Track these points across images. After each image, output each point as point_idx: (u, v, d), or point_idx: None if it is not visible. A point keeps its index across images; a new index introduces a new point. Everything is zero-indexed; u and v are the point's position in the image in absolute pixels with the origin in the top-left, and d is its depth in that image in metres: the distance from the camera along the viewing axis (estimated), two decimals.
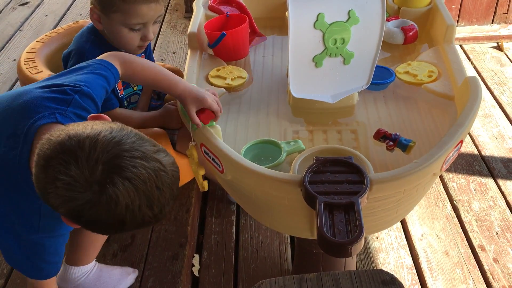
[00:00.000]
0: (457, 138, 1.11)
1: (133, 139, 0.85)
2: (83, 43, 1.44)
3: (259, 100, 1.41)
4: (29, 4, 3.48)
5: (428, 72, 1.40)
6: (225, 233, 1.75)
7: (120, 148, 0.82)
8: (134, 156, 0.83)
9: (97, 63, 1.13)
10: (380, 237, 1.72)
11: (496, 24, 2.91)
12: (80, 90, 1.04)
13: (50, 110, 0.99)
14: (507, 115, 2.27)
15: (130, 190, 0.81)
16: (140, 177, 0.82)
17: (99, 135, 0.83)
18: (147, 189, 0.83)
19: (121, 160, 0.82)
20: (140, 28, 1.39)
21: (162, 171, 0.85)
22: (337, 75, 1.30)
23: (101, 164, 0.81)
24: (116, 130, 0.85)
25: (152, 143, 0.88)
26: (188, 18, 3.05)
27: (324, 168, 1.05)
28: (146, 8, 1.36)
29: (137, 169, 0.82)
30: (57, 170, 0.81)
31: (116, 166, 0.81)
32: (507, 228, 1.74)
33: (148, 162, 0.84)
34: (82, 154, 0.81)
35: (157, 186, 0.84)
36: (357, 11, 1.22)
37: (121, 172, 0.81)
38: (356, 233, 0.91)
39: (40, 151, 0.86)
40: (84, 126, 0.87)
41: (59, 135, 0.85)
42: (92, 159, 0.81)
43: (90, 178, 0.81)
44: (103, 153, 0.81)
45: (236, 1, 1.70)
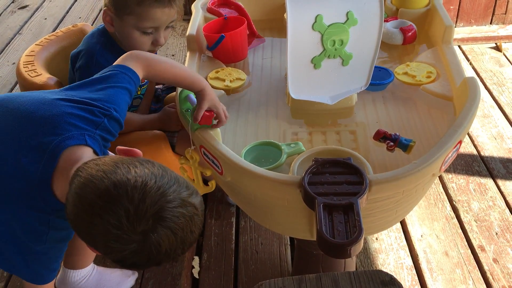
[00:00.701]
0: (456, 138, 1.11)
1: (174, 188, 0.88)
2: (93, 44, 1.44)
3: (258, 102, 1.41)
4: (28, 7, 3.49)
5: (427, 73, 1.41)
6: (225, 235, 1.75)
7: (164, 200, 0.85)
8: (175, 206, 0.86)
9: (121, 72, 1.11)
10: (379, 238, 1.72)
11: (494, 24, 2.91)
12: (110, 114, 1.04)
13: (80, 130, 0.99)
14: (506, 116, 2.27)
15: (170, 238, 0.85)
16: (179, 226, 0.86)
17: (146, 186, 0.85)
18: (183, 235, 0.87)
19: (165, 212, 0.85)
20: (152, 32, 1.40)
21: (196, 215, 0.89)
22: (335, 76, 1.30)
23: (150, 218, 0.84)
24: (159, 178, 0.87)
25: (186, 184, 0.91)
26: (187, 20, 3.06)
27: (323, 169, 1.05)
28: (159, 12, 1.37)
29: (177, 219, 0.86)
30: (106, 221, 0.83)
31: (161, 217, 0.84)
32: (507, 228, 1.74)
33: (186, 209, 0.87)
34: (132, 207, 0.83)
35: (191, 230, 0.89)
36: (355, 12, 1.23)
37: (164, 223, 0.85)
38: (356, 234, 0.91)
39: (80, 191, 0.86)
40: (127, 170, 0.87)
41: (102, 179, 0.85)
42: (141, 212, 0.83)
43: (138, 228, 0.84)
44: (151, 206, 0.84)
45: (235, 3, 1.70)
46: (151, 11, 1.36)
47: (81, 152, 0.97)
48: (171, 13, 1.40)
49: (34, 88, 1.42)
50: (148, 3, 1.34)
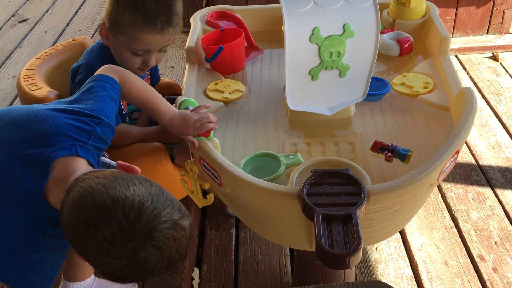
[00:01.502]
0: (453, 148, 1.12)
1: (167, 210, 0.91)
2: (93, 59, 1.46)
3: (256, 113, 1.42)
4: (28, 20, 3.51)
5: (424, 83, 1.42)
6: (225, 246, 1.75)
7: (158, 221, 0.89)
8: (167, 227, 0.89)
9: (104, 81, 1.14)
10: (379, 248, 1.73)
11: (491, 34, 2.94)
12: (102, 121, 1.07)
13: (71, 141, 1.01)
14: (504, 125, 2.28)
15: (158, 256, 0.89)
16: (168, 246, 0.89)
17: (142, 206, 0.88)
18: (170, 254, 0.90)
19: (157, 232, 0.88)
20: (143, 54, 1.42)
21: (184, 237, 0.93)
22: (333, 87, 1.31)
23: (142, 237, 0.87)
24: (156, 199, 0.91)
25: (179, 207, 0.94)
26: (186, 32, 3.07)
27: (322, 180, 1.05)
28: (151, 38, 1.39)
29: (167, 240, 0.89)
30: (101, 236, 0.86)
31: (152, 237, 0.88)
32: (506, 238, 1.74)
33: (176, 231, 0.91)
34: (127, 225, 0.86)
35: (178, 250, 0.92)
36: (352, 24, 1.24)
37: (154, 242, 0.88)
38: (354, 244, 0.91)
39: (79, 202, 0.89)
40: (126, 186, 0.90)
41: (101, 193, 0.88)
42: (135, 230, 0.87)
43: (130, 245, 0.86)
44: (145, 225, 0.87)
45: (233, 15, 1.72)
46: (142, 35, 1.38)
47: (76, 163, 1.00)
48: (163, 40, 1.41)
49: (35, 102, 1.43)
50: (139, 28, 1.36)
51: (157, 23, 1.37)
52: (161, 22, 1.38)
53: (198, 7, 2.92)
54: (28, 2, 3.82)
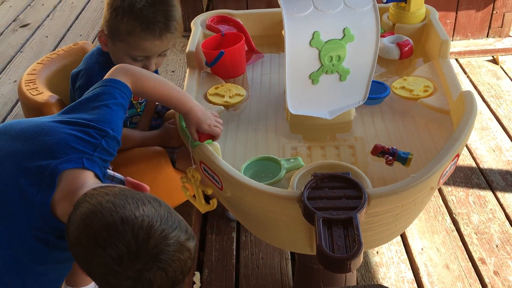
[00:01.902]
0: (453, 152, 1.12)
1: (176, 232, 0.90)
2: (92, 64, 1.46)
3: (257, 117, 1.43)
4: (29, 25, 3.52)
5: (424, 87, 1.42)
6: (226, 250, 1.75)
7: (165, 243, 0.88)
8: (173, 250, 0.89)
9: (113, 87, 1.12)
10: (380, 252, 1.73)
11: (491, 38, 2.94)
12: (107, 134, 1.06)
13: (78, 153, 1.01)
14: (504, 128, 2.28)
15: (162, 278, 0.88)
16: (173, 268, 0.89)
17: (152, 228, 0.87)
18: (174, 276, 0.90)
19: (164, 254, 0.87)
20: (142, 59, 1.42)
21: (189, 259, 0.92)
22: (333, 91, 1.32)
23: (150, 259, 0.86)
24: (164, 221, 0.90)
25: (185, 229, 0.93)
26: (186, 37, 3.09)
27: (323, 183, 1.06)
28: (149, 44, 1.39)
29: (173, 262, 0.88)
30: (108, 255, 0.85)
31: (159, 260, 0.87)
32: (507, 241, 1.74)
33: (182, 254, 0.90)
34: (135, 246, 0.85)
35: (182, 271, 0.91)
36: (352, 29, 1.24)
37: (160, 264, 0.87)
38: (355, 248, 0.91)
39: (87, 218, 0.88)
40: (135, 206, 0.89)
41: (111, 211, 0.87)
42: (143, 252, 0.86)
43: (136, 266, 0.86)
44: (153, 247, 0.86)
45: (234, 20, 1.72)
46: (141, 42, 1.38)
47: (84, 176, 0.99)
48: (162, 45, 1.41)
49: (36, 106, 1.44)
50: (138, 35, 1.37)
51: (156, 30, 1.37)
52: (160, 28, 1.38)
53: (199, 11, 2.93)
54: (29, 7, 3.84)
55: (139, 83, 1.18)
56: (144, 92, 1.21)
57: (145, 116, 1.59)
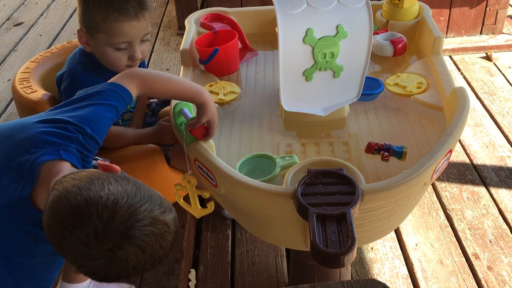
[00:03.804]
0: (446, 147, 1.13)
1: (145, 206, 0.89)
2: (75, 65, 1.45)
3: (251, 114, 1.43)
4: (23, 24, 3.51)
5: (417, 83, 1.43)
6: (221, 247, 1.75)
7: (134, 219, 0.87)
8: (145, 224, 0.88)
9: (110, 89, 1.11)
10: (375, 248, 1.73)
11: (484, 34, 2.96)
12: (83, 131, 1.05)
13: (54, 146, 1.01)
14: (498, 124, 2.30)
15: (138, 255, 0.88)
16: (148, 243, 0.88)
17: (116, 205, 0.87)
18: (152, 251, 0.89)
19: (134, 230, 0.87)
20: (126, 47, 1.40)
21: (166, 232, 0.91)
22: (327, 88, 1.32)
23: (118, 236, 0.86)
24: (131, 196, 0.89)
25: (159, 202, 0.92)
26: (181, 35, 3.09)
27: (316, 180, 1.06)
28: (127, 26, 1.36)
29: (146, 237, 0.88)
30: (76, 238, 0.86)
31: (129, 236, 0.87)
32: (500, 236, 1.76)
33: (155, 227, 0.89)
34: (100, 225, 0.85)
35: (161, 246, 0.90)
36: (345, 25, 1.25)
37: (132, 241, 0.87)
38: (349, 243, 0.92)
39: (54, 205, 0.89)
40: (100, 186, 0.89)
41: (75, 195, 0.87)
42: (109, 231, 0.86)
43: (106, 246, 0.86)
44: (120, 225, 0.86)
45: (228, 17, 1.73)
46: (118, 25, 1.35)
47: (60, 166, 0.99)
48: (140, 26, 1.38)
49: (30, 105, 1.44)
50: (113, 18, 1.34)
51: (129, 9, 1.35)
52: (133, 7, 1.35)
53: (193, 9, 2.93)
54: (23, 6, 3.83)
55: (147, 84, 1.17)
56: (154, 92, 1.21)
57: (138, 113, 1.58)
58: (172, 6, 3.27)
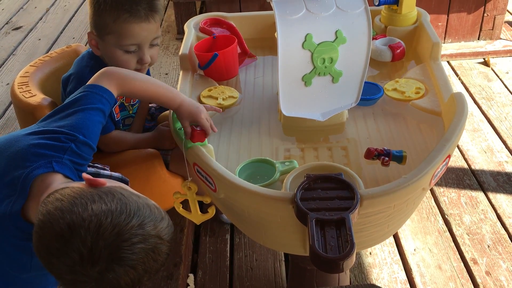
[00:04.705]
0: (444, 153, 1.13)
1: (132, 223, 0.87)
2: (83, 68, 1.46)
3: (250, 119, 1.43)
4: (22, 28, 3.52)
5: (416, 88, 1.43)
6: (220, 252, 1.75)
7: (120, 239, 0.85)
8: (133, 243, 0.86)
9: (92, 92, 1.11)
10: (373, 253, 1.73)
11: (482, 40, 2.97)
12: (76, 139, 1.04)
13: (47, 158, 1.00)
14: (495, 129, 2.30)
15: (130, 273, 0.86)
16: (139, 261, 0.86)
17: (100, 227, 0.84)
18: (146, 267, 0.87)
19: (121, 252, 0.85)
20: (135, 50, 1.41)
21: (159, 244, 0.89)
22: (326, 93, 1.33)
23: (104, 261, 0.84)
24: (116, 215, 0.86)
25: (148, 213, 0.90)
26: (180, 39, 3.09)
27: (315, 185, 1.06)
28: (137, 28, 1.37)
29: (136, 255, 0.86)
30: (62, 263, 0.85)
31: (117, 258, 0.85)
32: (498, 241, 1.76)
33: (146, 243, 0.87)
34: (85, 251, 0.84)
35: (154, 259, 0.89)
36: (344, 31, 1.25)
37: (121, 262, 0.85)
38: (348, 248, 0.92)
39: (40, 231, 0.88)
40: (83, 207, 0.87)
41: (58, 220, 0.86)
42: (95, 255, 0.84)
43: (92, 270, 0.84)
44: (105, 248, 0.84)
45: (227, 22, 1.73)
46: (128, 27, 1.36)
47: (51, 179, 0.98)
48: (150, 29, 1.39)
49: (29, 109, 1.44)
50: (123, 19, 1.35)
51: (140, 11, 1.36)
52: (144, 9, 1.36)
53: (192, 14, 2.94)
54: (22, 10, 3.83)
55: (125, 85, 1.17)
56: (132, 92, 1.21)
57: (138, 118, 1.59)
58: (171, 11, 3.28)
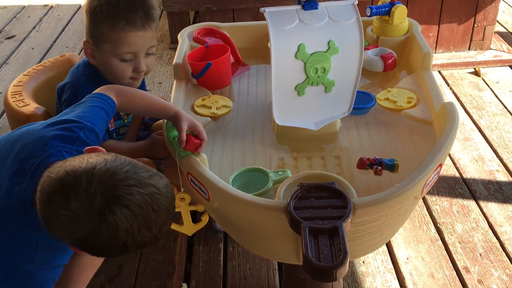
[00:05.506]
0: (436, 161, 1.14)
1: (127, 168, 0.91)
2: (79, 77, 1.46)
3: (244, 128, 1.44)
4: (15, 37, 3.51)
5: (407, 98, 1.45)
6: (213, 261, 1.75)
7: (115, 179, 0.89)
8: (129, 184, 0.89)
9: (95, 97, 1.19)
10: (366, 261, 1.74)
11: (472, 50, 3.00)
12: (84, 126, 1.09)
13: (57, 148, 1.04)
14: (486, 138, 2.33)
15: (128, 216, 0.88)
16: (136, 203, 0.88)
17: (94, 169, 0.89)
18: (144, 213, 0.89)
19: (117, 189, 0.88)
20: (131, 58, 1.41)
21: (157, 194, 0.92)
22: (319, 103, 1.34)
23: (98, 196, 0.87)
24: (111, 161, 0.91)
25: (145, 169, 0.94)
26: (173, 49, 3.10)
27: (308, 194, 1.07)
28: (134, 36, 1.38)
29: (133, 196, 0.88)
30: (59, 206, 0.88)
31: (113, 195, 0.88)
32: (490, 250, 1.77)
33: (143, 188, 0.90)
34: (81, 189, 0.87)
35: (153, 208, 0.91)
36: (336, 41, 1.27)
37: (118, 201, 0.87)
38: (341, 257, 0.93)
39: (41, 188, 0.92)
40: (80, 160, 0.92)
41: (58, 172, 0.91)
42: (90, 192, 0.87)
43: (90, 209, 0.87)
44: (100, 185, 0.87)
45: (220, 32, 1.74)
46: (124, 35, 1.36)
47: None
48: (146, 37, 1.40)
49: (22, 118, 1.44)
50: (119, 27, 1.35)
51: (136, 19, 1.36)
52: (140, 17, 1.37)
53: (186, 24, 2.95)
54: (15, 19, 3.83)
55: (123, 96, 1.24)
56: (129, 104, 1.27)
57: (133, 127, 1.59)
58: (164, 21, 3.29)
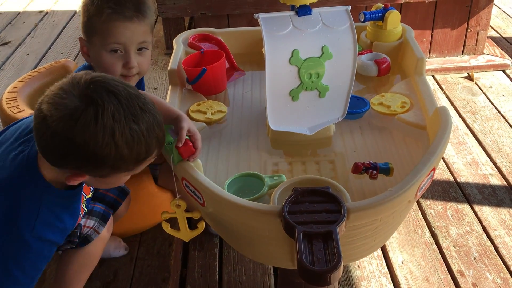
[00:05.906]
0: (429, 166, 1.15)
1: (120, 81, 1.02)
2: None
3: (239, 133, 1.45)
4: (10, 43, 3.51)
5: (401, 103, 1.46)
6: (208, 266, 1.75)
7: (104, 77, 0.99)
8: (113, 79, 0.99)
9: None
10: (361, 266, 1.74)
11: (466, 55, 3.02)
12: None
13: None
14: (480, 143, 2.34)
15: (113, 100, 0.95)
16: (122, 93, 0.96)
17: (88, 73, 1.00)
18: (129, 104, 0.96)
19: (103, 82, 0.97)
20: (120, 51, 1.37)
21: (142, 97, 0.99)
22: (313, 108, 1.35)
23: (83, 82, 0.96)
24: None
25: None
26: (168, 54, 3.11)
27: (303, 198, 1.07)
28: (121, 27, 1.35)
29: (115, 82, 0.98)
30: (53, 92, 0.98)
31: (99, 82, 0.96)
32: (485, 253, 1.78)
33: (130, 88, 0.99)
34: (75, 80, 0.98)
35: (140, 106, 0.97)
36: (330, 47, 1.28)
37: (103, 86, 0.96)
38: (335, 261, 0.93)
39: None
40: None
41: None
42: (75, 81, 0.97)
43: (76, 92, 0.95)
44: (85, 74, 0.98)
45: (215, 38, 1.75)
46: (111, 24, 1.34)
47: None
48: (135, 29, 1.37)
49: None
50: (106, 15, 1.33)
51: (124, 10, 1.35)
52: (128, 9, 1.35)
53: (181, 29, 2.95)
54: (10, 25, 3.83)
55: None
56: None
57: None
58: (159, 26, 3.30)
